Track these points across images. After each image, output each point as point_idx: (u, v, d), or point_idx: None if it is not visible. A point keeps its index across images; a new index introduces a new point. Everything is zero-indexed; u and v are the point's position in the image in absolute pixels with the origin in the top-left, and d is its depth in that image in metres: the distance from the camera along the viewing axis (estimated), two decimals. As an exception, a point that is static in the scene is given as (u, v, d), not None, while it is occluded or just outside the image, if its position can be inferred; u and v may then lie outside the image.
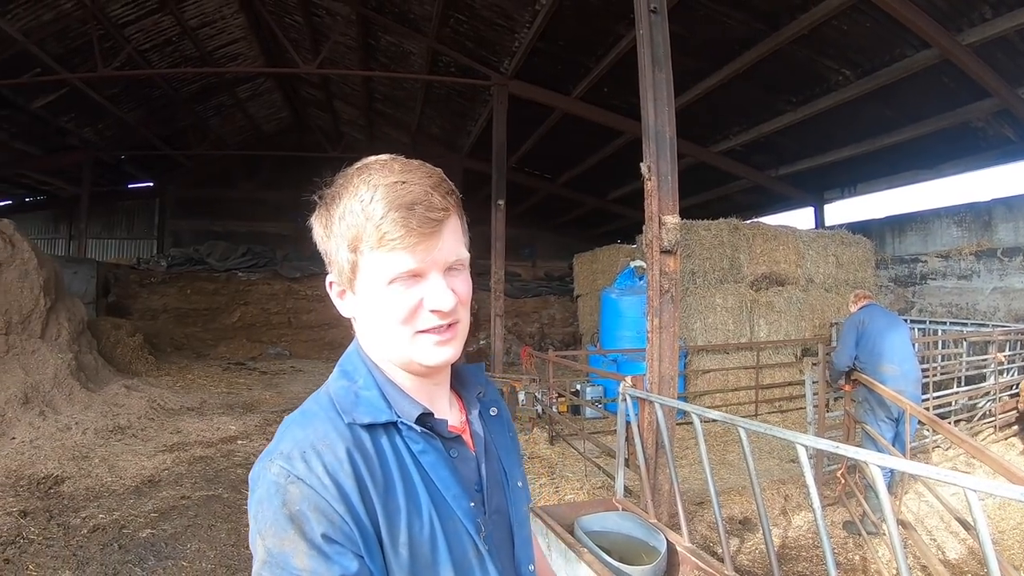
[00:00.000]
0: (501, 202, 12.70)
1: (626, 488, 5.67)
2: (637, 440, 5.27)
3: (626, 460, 5.65)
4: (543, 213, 24.63)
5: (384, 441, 1.14)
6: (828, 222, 15.41)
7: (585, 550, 4.25)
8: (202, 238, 24.00)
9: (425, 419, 1.17)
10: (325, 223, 1.18)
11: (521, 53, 12.10)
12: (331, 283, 1.22)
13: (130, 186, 26.20)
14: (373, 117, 21.15)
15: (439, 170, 1.20)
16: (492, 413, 1.39)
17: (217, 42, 16.85)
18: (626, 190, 18.61)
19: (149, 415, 10.23)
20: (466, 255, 1.21)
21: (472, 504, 1.18)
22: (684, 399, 10.29)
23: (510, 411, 5.94)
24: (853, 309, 6.69)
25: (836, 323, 11.13)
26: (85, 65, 14.33)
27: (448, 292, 1.14)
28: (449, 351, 1.18)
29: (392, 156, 1.20)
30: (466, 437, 1.28)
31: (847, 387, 6.45)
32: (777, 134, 12.56)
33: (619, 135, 14.19)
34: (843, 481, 5.81)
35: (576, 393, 10.65)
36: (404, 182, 1.12)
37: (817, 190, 15.40)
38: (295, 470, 1.04)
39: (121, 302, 20.22)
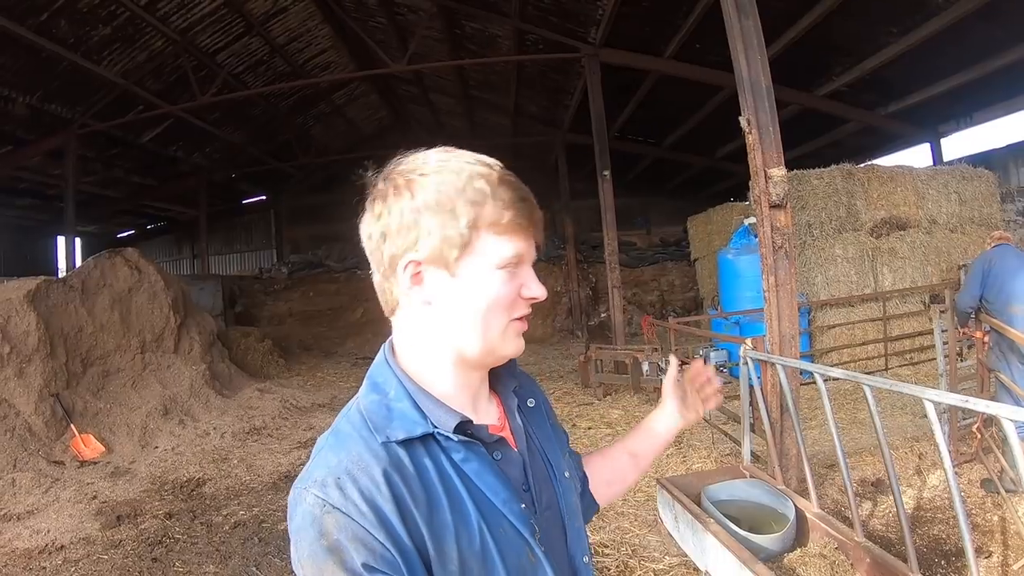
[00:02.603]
0: (607, 173, 12.48)
1: (753, 454, 5.53)
2: (761, 404, 5.12)
3: (751, 425, 5.50)
4: (652, 179, 24.27)
5: (423, 455, 1.08)
6: (946, 157, 14.36)
7: (711, 520, 4.17)
8: (319, 242, 24.83)
9: (464, 427, 1.11)
10: (422, 194, 1.08)
11: (606, 20, 11.80)
12: (413, 262, 1.10)
13: (245, 201, 27.65)
14: (471, 104, 21.24)
15: None
16: (530, 404, 1.34)
17: (307, 54, 17.45)
18: (733, 146, 17.90)
19: (283, 415, 10.67)
20: None
21: (523, 506, 1.13)
22: (810, 357, 9.94)
23: (636, 379, 5.96)
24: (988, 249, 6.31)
25: (964, 265, 10.38)
26: (184, 96, 15.19)
27: (539, 283, 1.16)
28: (522, 343, 1.19)
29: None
30: (507, 435, 1.22)
31: (978, 334, 6.03)
32: (882, 68, 11.71)
33: (718, 90, 13.71)
34: (979, 436, 5.41)
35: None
36: (511, 175, 1.13)
37: (931, 124, 14.32)
38: (330, 499, 0.99)
39: (248, 311, 21.25)
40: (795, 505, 4.31)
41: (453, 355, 1.14)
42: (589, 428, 8.64)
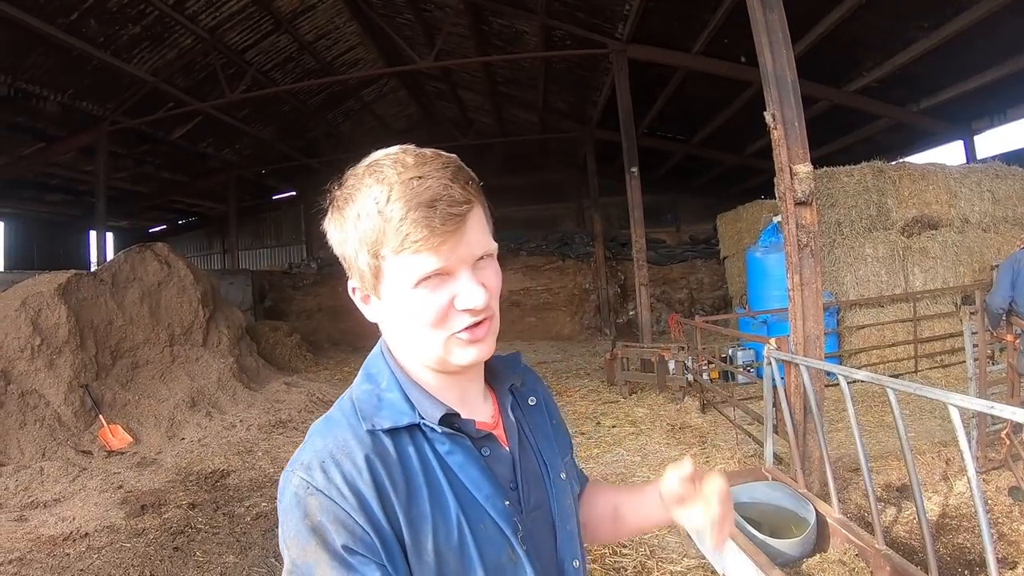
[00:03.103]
0: (634, 169, 12.38)
1: (776, 456, 5.46)
2: (784, 405, 5.04)
3: (775, 427, 5.43)
4: (682, 176, 24.11)
5: (408, 445, 1.10)
6: (980, 155, 14.00)
7: (729, 523, 4.10)
8: (349, 236, 24.86)
9: (450, 420, 1.12)
10: (340, 227, 1.11)
11: (633, 15, 11.70)
12: (354, 289, 1.17)
13: (274, 197, 27.88)
14: (499, 101, 21.14)
15: (455, 157, 1.11)
16: (531, 403, 1.33)
17: (335, 51, 17.53)
18: (762, 143, 17.54)
19: (308, 408, 10.73)
20: (494, 245, 1.13)
21: (507, 503, 1.13)
22: (838, 358, 9.82)
23: (662, 378, 5.88)
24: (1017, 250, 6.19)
25: (996, 266, 10.14)
26: (214, 93, 15.38)
27: (478, 288, 1.07)
28: (484, 348, 1.12)
29: (403, 148, 1.11)
30: (499, 433, 1.22)
31: (1009, 337, 5.88)
32: (913, 64, 11.46)
33: (747, 86, 13.50)
34: (1008, 442, 5.28)
35: (725, 359, 10.32)
36: (420, 177, 1.03)
37: (964, 121, 14.03)
38: (314, 481, 1.02)
39: (277, 306, 21.47)
40: (816, 510, 4.24)
41: (418, 361, 1.16)
42: (613, 426, 8.62)
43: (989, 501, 4.73)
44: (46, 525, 6.18)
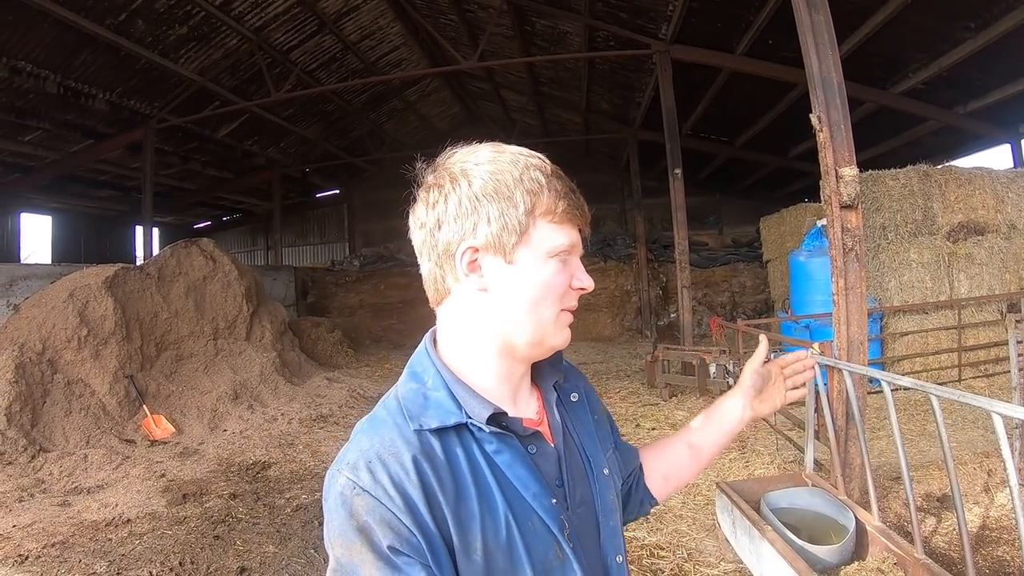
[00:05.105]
0: (678, 171, 12.25)
1: (817, 462, 5.39)
2: (826, 411, 4.97)
3: (816, 432, 5.36)
4: (725, 178, 23.81)
5: (456, 445, 1.10)
6: (1028, 158, 13.60)
7: (768, 527, 4.08)
8: (391, 236, 25.06)
9: (497, 419, 1.12)
10: (480, 182, 1.12)
11: (677, 16, 11.61)
12: (471, 248, 1.12)
13: (318, 195, 28.13)
14: (542, 101, 21.14)
15: None
16: (573, 399, 1.34)
17: (379, 52, 17.65)
18: (807, 146, 17.31)
19: (349, 403, 10.89)
20: None
21: (554, 501, 1.13)
22: (881, 366, 9.63)
23: (703, 381, 5.88)
24: None
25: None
26: (259, 92, 15.69)
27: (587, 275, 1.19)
28: (569, 333, 1.20)
29: None
30: (544, 429, 1.22)
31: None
32: (960, 65, 11.08)
33: (792, 87, 13.30)
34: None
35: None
36: (558, 168, 1.18)
37: (1012, 123, 13.52)
38: (360, 481, 1.02)
39: (319, 302, 21.65)
40: (856, 517, 4.18)
41: (501, 345, 1.16)
42: (653, 429, 8.56)
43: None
44: (89, 510, 6.35)
